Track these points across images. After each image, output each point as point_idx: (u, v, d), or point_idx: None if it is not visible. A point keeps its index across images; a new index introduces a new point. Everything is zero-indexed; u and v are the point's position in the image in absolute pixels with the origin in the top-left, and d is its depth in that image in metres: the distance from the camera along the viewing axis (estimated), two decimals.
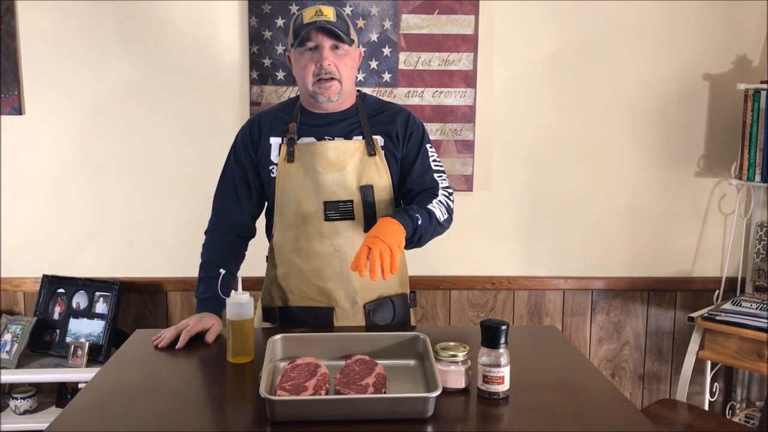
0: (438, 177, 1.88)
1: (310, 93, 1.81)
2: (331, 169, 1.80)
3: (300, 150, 1.82)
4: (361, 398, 1.32)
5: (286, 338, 1.58)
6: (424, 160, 1.88)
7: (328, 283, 1.84)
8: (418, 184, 1.87)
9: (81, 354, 2.61)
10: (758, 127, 2.65)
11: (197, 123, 2.77)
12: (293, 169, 1.82)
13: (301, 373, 1.40)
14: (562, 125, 2.84)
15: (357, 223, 1.81)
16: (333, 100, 1.81)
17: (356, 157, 1.82)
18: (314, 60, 1.77)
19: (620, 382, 3.00)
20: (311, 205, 1.81)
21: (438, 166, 1.90)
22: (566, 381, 1.50)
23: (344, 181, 1.80)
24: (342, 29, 1.76)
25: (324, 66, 1.76)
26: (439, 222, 1.78)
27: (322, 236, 1.81)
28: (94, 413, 1.34)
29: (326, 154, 1.81)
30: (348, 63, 1.80)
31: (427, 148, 1.90)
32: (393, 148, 1.86)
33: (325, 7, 1.77)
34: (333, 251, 1.82)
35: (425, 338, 1.55)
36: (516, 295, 2.94)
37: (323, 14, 1.75)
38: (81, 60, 2.71)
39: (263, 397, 1.27)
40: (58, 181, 2.78)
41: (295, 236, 1.84)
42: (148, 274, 2.84)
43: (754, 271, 2.86)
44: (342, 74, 1.79)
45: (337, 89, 1.79)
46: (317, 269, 1.84)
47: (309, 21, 1.74)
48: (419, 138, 1.89)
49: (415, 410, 1.29)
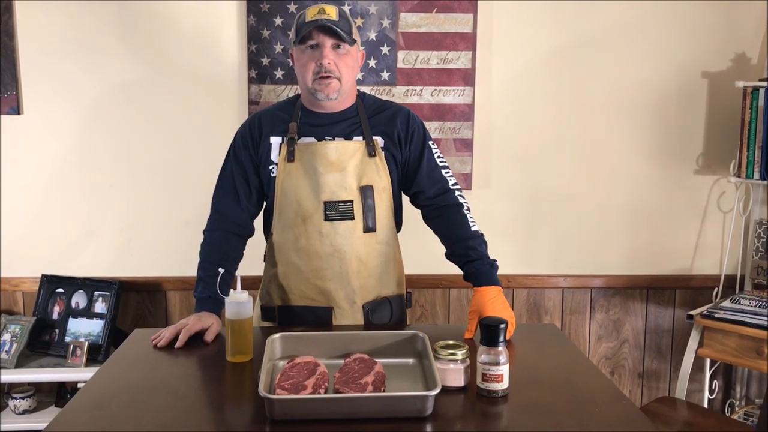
0: (445, 173, 1.92)
1: (309, 90, 1.81)
2: (332, 169, 1.80)
3: (300, 150, 1.82)
4: (360, 397, 1.33)
5: (285, 337, 1.58)
6: (430, 158, 1.91)
7: (328, 283, 1.84)
8: (428, 184, 1.90)
9: (80, 353, 2.61)
10: (757, 124, 2.65)
11: (196, 122, 2.77)
12: (293, 169, 1.82)
13: (300, 371, 1.41)
14: (560, 123, 2.84)
15: (357, 223, 1.81)
16: (332, 98, 1.80)
17: (357, 158, 1.82)
18: (315, 58, 1.77)
19: (619, 380, 3.00)
20: (311, 204, 1.81)
21: (442, 162, 1.93)
22: (565, 379, 1.50)
23: (345, 182, 1.80)
24: (344, 29, 1.77)
25: (324, 64, 1.76)
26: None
27: (322, 236, 1.81)
28: (93, 413, 1.34)
29: (327, 154, 1.81)
30: (349, 62, 1.80)
31: (429, 145, 1.92)
32: (393, 149, 1.87)
33: (328, 6, 1.77)
34: (332, 251, 1.82)
35: (424, 337, 1.55)
36: (515, 293, 2.94)
37: (326, 13, 1.75)
38: (79, 59, 2.71)
39: (262, 396, 1.27)
40: (57, 180, 2.78)
41: (294, 236, 1.84)
42: (147, 273, 2.84)
43: (753, 269, 2.86)
44: (342, 72, 1.79)
45: (337, 87, 1.79)
46: (316, 269, 1.84)
47: (311, 19, 1.75)
48: (421, 136, 1.91)
49: (414, 408, 1.29)
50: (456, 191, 1.92)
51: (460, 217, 1.89)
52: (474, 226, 1.89)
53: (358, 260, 1.83)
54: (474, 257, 1.85)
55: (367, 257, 1.84)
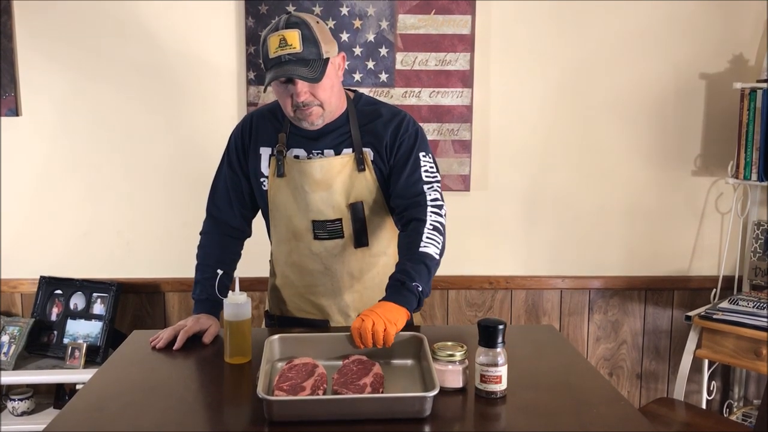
0: (427, 188, 1.74)
1: (292, 119, 1.73)
2: (318, 188, 1.75)
3: (289, 164, 1.77)
4: (359, 398, 1.32)
5: (283, 339, 1.58)
6: (414, 170, 1.75)
7: (321, 299, 1.83)
8: (403, 196, 1.75)
9: (78, 355, 2.61)
10: (754, 126, 2.65)
11: (194, 123, 2.77)
12: (283, 185, 1.78)
13: (299, 373, 1.41)
14: (559, 125, 2.85)
15: (347, 240, 1.79)
16: (317, 124, 1.71)
17: (344, 174, 1.75)
18: (289, 93, 1.66)
19: (618, 381, 3.01)
20: (301, 222, 1.79)
21: (430, 177, 1.76)
22: (564, 380, 1.50)
23: (332, 200, 1.75)
24: (311, 56, 1.61)
25: (299, 101, 1.65)
26: (437, 259, 1.67)
27: (313, 254, 1.80)
28: (91, 414, 1.34)
29: (312, 173, 1.74)
30: (326, 85, 1.66)
31: (419, 156, 1.76)
32: (380, 163, 1.77)
33: (289, 33, 1.60)
34: (323, 269, 1.80)
35: (422, 338, 1.55)
36: (513, 294, 2.94)
37: (287, 44, 1.59)
38: (78, 61, 2.71)
39: (261, 397, 1.27)
40: (56, 181, 2.77)
41: (288, 250, 1.83)
42: (146, 274, 2.84)
43: (751, 270, 2.86)
44: (322, 98, 1.67)
45: (319, 113, 1.69)
46: (309, 285, 1.83)
47: (274, 56, 1.61)
48: (410, 146, 1.76)
49: (412, 410, 1.29)
50: (430, 208, 1.72)
51: (415, 235, 1.67)
52: (426, 247, 1.65)
53: (350, 276, 1.81)
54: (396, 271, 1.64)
55: (360, 272, 1.82)
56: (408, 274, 1.60)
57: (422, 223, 1.69)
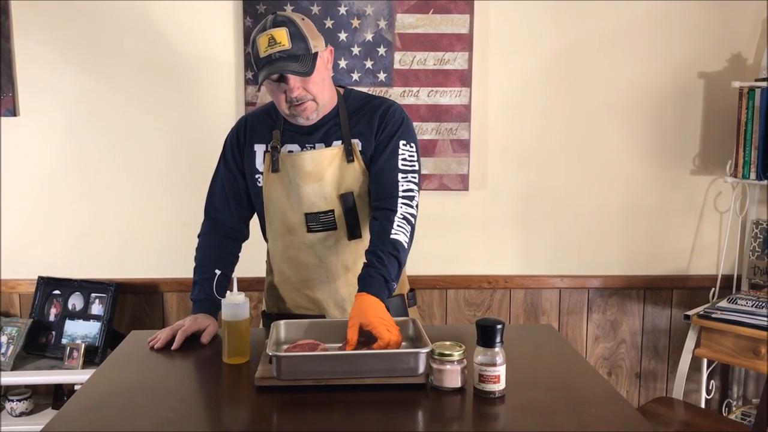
0: (402, 178, 1.74)
1: (287, 116, 1.76)
2: (309, 180, 1.77)
3: (283, 159, 1.79)
4: (361, 354, 1.45)
5: (288, 324, 1.66)
6: (392, 156, 1.76)
7: (317, 293, 1.84)
8: (377, 182, 1.75)
9: (77, 356, 2.61)
10: (753, 124, 2.66)
11: (192, 124, 2.77)
12: (277, 180, 1.80)
13: (303, 349, 1.51)
14: (557, 124, 2.85)
15: (340, 232, 1.80)
16: (312, 119, 1.75)
17: (334, 165, 1.77)
18: (282, 90, 1.69)
19: (617, 381, 3.01)
20: (294, 216, 1.80)
21: (407, 166, 1.76)
22: (562, 380, 1.50)
23: (323, 192, 1.77)
24: (300, 51, 1.64)
25: (293, 97, 1.69)
26: (406, 250, 1.69)
27: (307, 247, 1.81)
28: (89, 415, 1.34)
29: (303, 165, 1.77)
30: (317, 79, 1.69)
31: (399, 144, 1.76)
32: (370, 151, 1.79)
33: (277, 32, 1.64)
34: (318, 262, 1.81)
35: (415, 321, 1.62)
36: (512, 294, 2.94)
37: (276, 42, 1.63)
38: (76, 61, 2.70)
39: (270, 354, 1.38)
40: (54, 182, 2.77)
41: (283, 245, 1.84)
42: (144, 275, 2.84)
43: (750, 269, 2.86)
44: (314, 93, 1.70)
45: (313, 107, 1.72)
46: (305, 279, 1.84)
47: (264, 55, 1.64)
48: (393, 131, 1.77)
49: (408, 367, 1.42)
50: (401, 199, 1.72)
51: (387, 223, 1.69)
52: (396, 234, 1.68)
53: (344, 269, 1.82)
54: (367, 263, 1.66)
55: (354, 264, 1.82)
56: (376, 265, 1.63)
57: (393, 213, 1.71)
